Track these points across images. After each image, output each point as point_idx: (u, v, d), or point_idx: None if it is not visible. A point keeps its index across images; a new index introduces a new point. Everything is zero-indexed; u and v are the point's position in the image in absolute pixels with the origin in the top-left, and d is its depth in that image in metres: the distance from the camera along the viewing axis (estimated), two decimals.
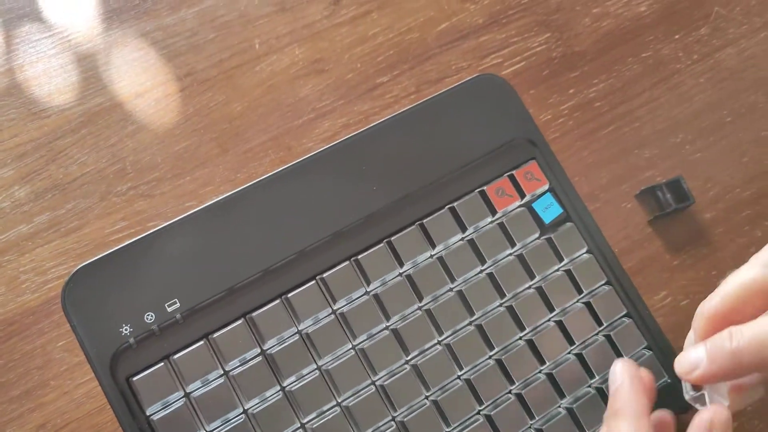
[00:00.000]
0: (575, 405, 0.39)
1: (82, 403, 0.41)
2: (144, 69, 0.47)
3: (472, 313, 0.40)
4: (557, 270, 0.41)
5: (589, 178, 0.48)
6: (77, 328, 0.36)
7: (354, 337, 0.38)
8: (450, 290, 0.40)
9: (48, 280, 0.43)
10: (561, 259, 0.41)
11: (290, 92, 0.48)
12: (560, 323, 0.40)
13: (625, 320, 0.41)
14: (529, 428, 0.39)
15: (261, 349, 0.37)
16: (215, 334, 0.37)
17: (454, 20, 0.50)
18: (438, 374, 0.38)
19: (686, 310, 0.46)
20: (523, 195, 0.41)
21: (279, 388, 0.37)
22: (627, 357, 0.40)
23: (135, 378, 0.36)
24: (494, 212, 0.41)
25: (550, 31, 0.51)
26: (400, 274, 0.40)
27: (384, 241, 0.40)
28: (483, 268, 0.41)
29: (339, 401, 0.38)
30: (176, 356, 0.36)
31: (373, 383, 0.38)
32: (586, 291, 0.41)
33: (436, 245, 0.40)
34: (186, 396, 0.36)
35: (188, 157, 0.46)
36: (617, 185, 0.48)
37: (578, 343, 0.40)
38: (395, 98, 0.49)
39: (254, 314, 0.37)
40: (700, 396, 0.33)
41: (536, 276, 0.41)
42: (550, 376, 0.39)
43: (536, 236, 0.41)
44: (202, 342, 0.37)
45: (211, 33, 0.48)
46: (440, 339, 0.39)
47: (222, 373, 0.37)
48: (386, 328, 0.39)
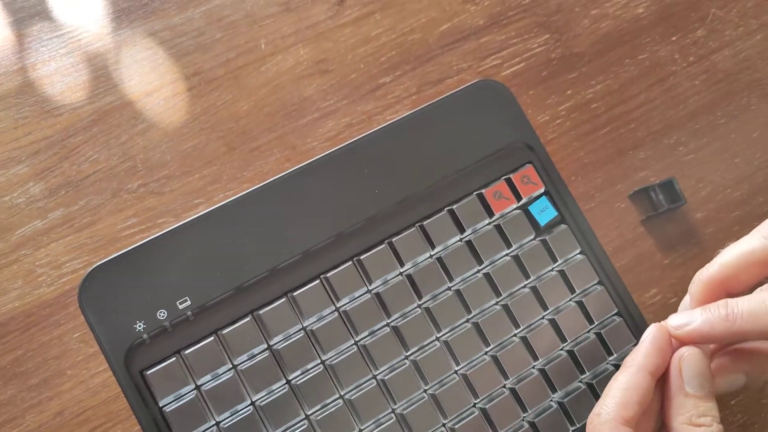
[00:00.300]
0: (566, 399, 0.41)
1: (98, 392, 0.43)
2: (153, 68, 0.48)
3: (469, 311, 0.41)
4: (551, 270, 0.43)
5: (585, 178, 0.50)
6: (93, 325, 0.38)
7: (356, 334, 0.40)
8: (448, 289, 0.42)
9: (63, 274, 0.44)
10: (555, 260, 0.43)
11: (295, 92, 0.49)
12: (553, 321, 0.42)
13: (616, 319, 0.43)
14: (522, 421, 0.41)
15: (268, 345, 0.39)
16: (224, 331, 0.39)
17: (455, 21, 0.51)
18: (436, 369, 0.40)
19: (675, 308, 0.47)
20: (520, 198, 0.43)
21: (285, 382, 0.39)
22: (617, 354, 0.42)
23: (148, 372, 0.38)
24: (491, 215, 0.43)
25: (550, 33, 0.52)
26: (401, 274, 0.41)
27: (385, 242, 0.41)
28: (480, 269, 0.42)
29: (342, 394, 0.40)
30: (187, 351, 0.38)
31: (374, 377, 0.40)
32: (579, 291, 0.43)
33: (436, 246, 0.42)
34: (197, 389, 0.38)
35: (196, 156, 0.47)
36: (612, 185, 0.50)
37: (570, 341, 0.42)
38: (397, 98, 0.50)
39: (261, 312, 0.39)
40: None
41: (531, 276, 0.42)
42: (543, 372, 0.41)
43: (531, 238, 0.43)
44: (212, 338, 0.39)
45: (218, 33, 0.49)
46: (438, 336, 0.41)
47: (231, 368, 0.39)
48: (387, 325, 0.41)
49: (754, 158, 0.51)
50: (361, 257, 0.41)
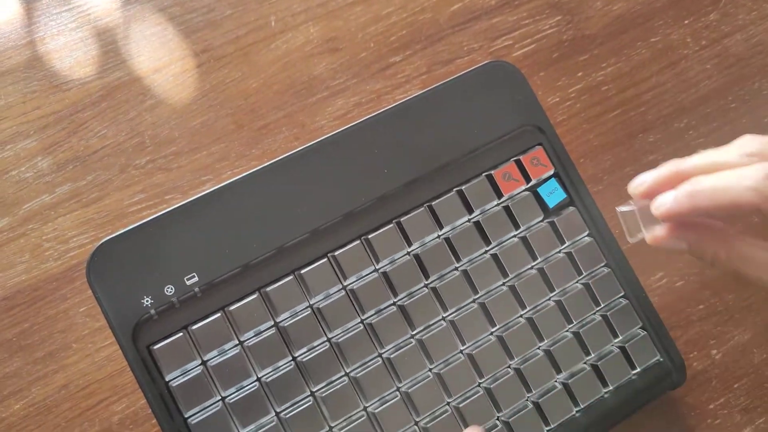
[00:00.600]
0: (570, 380, 0.41)
1: (103, 366, 0.43)
2: (162, 44, 0.48)
3: (476, 292, 0.41)
4: (559, 252, 0.43)
5: (594, 161, 0.49)
6: (101, 300, 0.38)
7: (363, 312, 0.40)
8: (455, 269, 0.42)
9: (70, 249, 0.44)
10: (563, 242, 0.43)
11: (305, 70, 0.49)
12: (559, 303, 0.42)
13: (622, 301, 0.43)
14: (526, 401, 0.41)
15: (274, 322, 0.39)
16: (231, 307, 0.39)
17: (467, 1, 0.51)
18: (441, 349, 0.40)
19: (681, 291, 0.48)
20: (529, 180, 0.43)
21: (291, 359, 0.39)
22: (622, 336, 0.42)
23: (155, 346, 0.38)
24: (500, 196, 0.42)
25: (562, 14, 0.52)
26: (408, 254, 0.41)
27: (393, 222, 0.41)
28: (487, 249, 0.42)
29: (347, 372, 0.40)
30: (194, 327, 0.38)
31: (380, 356, 0.40)
32: (586, 273, 0.43)
33: (444, 226, 0.42)
34: (203, 364, 0.38)
35: (205, 132, 0.47)
36: (621, 168, 0.49)
37: (576, 322, 0.42)
38: (407, 78, 0.50)
39: (268, 289, 0.39)
40: (630, 211, 0.35)
41: (538, 257, 0.42)
42: (548, 353, 0.41)
43: (540, 219, 0.43)
44: (219, 314, 0.39)
45: (228, 9, 0.49)
46: (445, 315, 0.41)
47: (237, 344, 0.39)
48: (393, 305, 0.41)
49: None
50: (369, 236, 0.41)
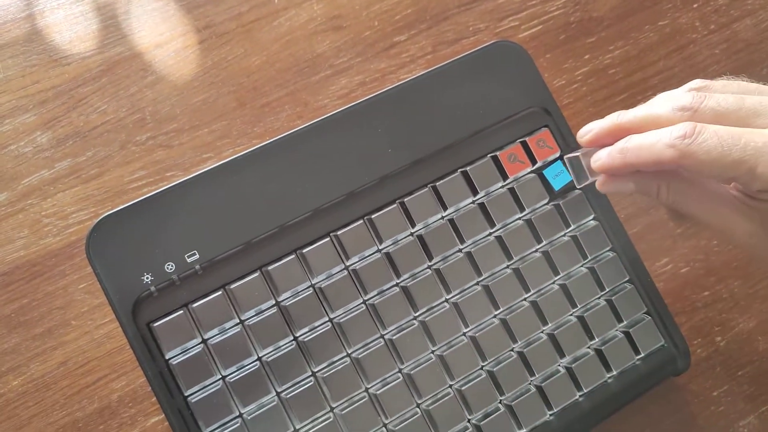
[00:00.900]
0: (574, 365, 0.41)
1: (102, 343, 0.43)
2: (163, 19, 0.47)
3: (480, 274, 0.41)
4: (564, 235, 0.42)
5: None
6: (101, 276, 0.37)
7: (365, 293, 0.40)
8: (459, 251, 0.41)
9: (69, 225, 0.44)
10: (568, 225, 0.42)
11: (308, 48, 0.48)
12: (564, 287, 0.42)
13: (627, 286, 0.42)
14: (529, 385, 0.40)
15: (276, 301, 0.39)
16: (232, 285, 0.38)
17: None
18: (444, 331, 0.40)
19: (686, 277, 0.47)
20: (535, 162, 0.42)
21: (292, 338, 0.39)
22: (627, 321, 0.42)
23: (155, 324, 0.37)
24: (505, 177, 0.42)
25: None
26: (412, 234, 0.41)
27: (397, 202, 0.41)
28: (492, 231, 0.42)
29: (349, 353, 0.39)
30: (195, 305, 0.38)
31: (382, 337, 0.40)
32: (591, 257, 0.42)
33: (448, 207, 0.41)
34: (203, 342, 0.38)
35: (206, 110, 0.47)
36: None
37: (580, 306, 0.42)
38: (411, 58, 0.49)
39: (270, 267, 0.39)
40: (575, 157, 0.37)
41: (543, 240, 0.42)
42: (552, 337, 0.41)
43: (545, 202, 0.42)
44: (220, 292, 0.38)
45: None
46: (448, 297, 0.41)
47: (238, 322, 0.38)
48: (396, 285, 0.40)
49: None
50: (372, 216, 0.40)
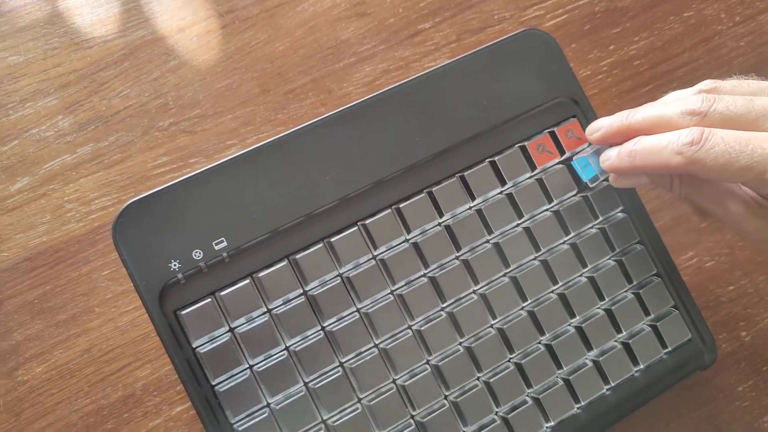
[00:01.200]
0: (601, 358, 0.40)
1: (126, 331, 0.42)
2: (186, 3, 0.47)
3: (508, 265, 0.41)
4: (592, 227, 0.42)
5: None
6: (128, 262, 0.37)
7: (393, 283, 0.39)
8: (487, 242, 0.41)
9: (92, 210, 0.43)
10: (596, 217, 0.42)
11: (332, 34, 0.48)
12: (592, 279, 0.41)
13: (654, 279, 0.42)
14: (556, 378, 0.40)
15: (303, 290, 0.39)
16: (260, 274, 0.38)
17: None
18: (472, 322, 0.40)
19: (711, 272, 0.47)
20: (563, 152, 0.42)
21: (320, 328, 0.39)
22: (654, 315, 0.42)
23: (183, 312, 0.37)
24: (533, 168, 0.42)
25: None
26: (440, 224, 0.40)
27: (425, 192, 0.40)
28: (520, 222, 0.41)
29: (376, 343, 0.39)
30: (222, 293, 0.37)
31: (410, 327, 0.39)
32: (619, 249, 0.42)
33: (476, 198, 0.41)
34: (231, 331, 0.38)
35: (229, 96, 0.46)
36: None
37: (608, 299, 0.41)
38: (436, 46, 0.49)
39: (298, 256, 0.38)
40: (582, 158, 0.39)
41: (571, 232, 0.42)
42: (579, 329, 0.41)
43: (573, 193, 0.42)
44: (248, 281, 0.38)
45: None
46: (476, 288, 0.41)
47: (265, 311, 0.38)
48: (424, 276, 0.40)
49: None
50: (400, 206, 0.40)
